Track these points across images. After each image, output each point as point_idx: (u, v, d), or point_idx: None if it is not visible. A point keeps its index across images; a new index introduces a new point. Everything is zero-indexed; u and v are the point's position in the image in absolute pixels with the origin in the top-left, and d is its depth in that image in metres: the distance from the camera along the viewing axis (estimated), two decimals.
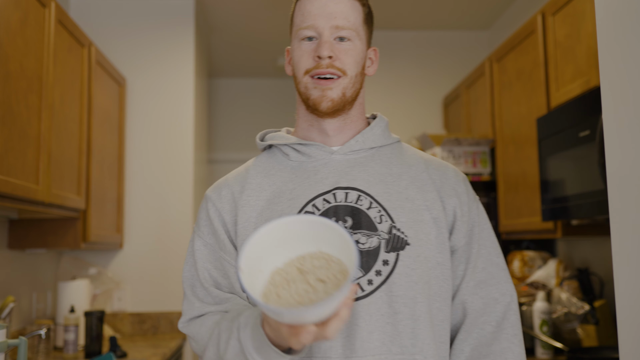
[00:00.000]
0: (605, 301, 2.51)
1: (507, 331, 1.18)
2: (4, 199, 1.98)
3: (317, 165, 1.22)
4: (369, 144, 1.24)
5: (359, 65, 1.22)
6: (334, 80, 1.19)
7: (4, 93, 1.94)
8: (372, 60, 1.28)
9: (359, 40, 1.22)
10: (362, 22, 1.22)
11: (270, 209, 1.19)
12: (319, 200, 1.17)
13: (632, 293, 1.13)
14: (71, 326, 2.70)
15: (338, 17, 1.19)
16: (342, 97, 1.19)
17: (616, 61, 1.18)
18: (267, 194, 1.21)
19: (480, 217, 1.24)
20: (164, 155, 3.56)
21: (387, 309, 1.12)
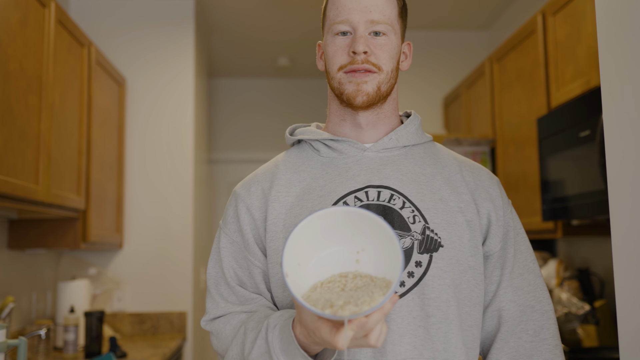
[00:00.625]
0: (606, 301, 2.51)
1: (548, 342, 1.14)
2: (3, 199, 1.97)
3: (348, 162, 1.18)
4: (402, 142, 1.21)
5: (394, 60, 1.19)
6: (370, 74, 1.16)
7: (3, 93, 1.94)
8: (406, 54, 1.26)
9: (395, 34, 1.19)
10: (397, 16, 1.19)
11: (300, 205, 1.15)
12: (350, 197, 1.14)
13: (632, 293, 1.12)
14: (71, 326, 2.70)
15: (374, 11, 1.16)
16: (377, 92, 1.17)
17: (616, 61, 1.18)
18: (297, 190, 1.17)
19: (514, 221, 1.21)
20: (164, 155, 3.56)
21: (419, 311, 1.09)
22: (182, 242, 3.52)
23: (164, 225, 3.52)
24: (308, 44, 4.61)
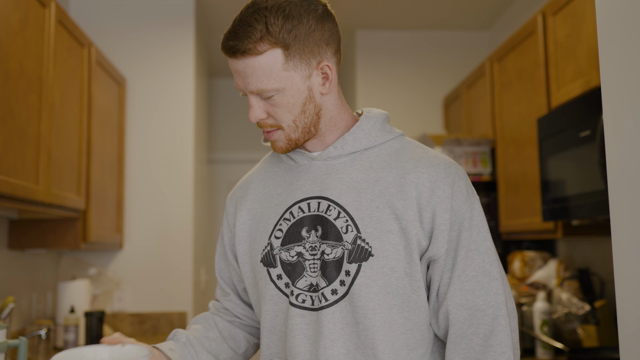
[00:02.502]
0: (606, 301, 2.51)
1: (494, 348, 1.13)
2: (3, 199, 1.98)
3: (300, 171, 1.24)
4: (348, 149, 1.21)
5: (296, 108, 1.16)
6: (273, 132, 1.18)
7: (3, 93, 1.94)
8: (326, 77, 1.17)
9: (287, 87, 1.13)
10: (282, 67, 1.12)
11: (260, 212, 1.26)
12: (295, 207, 1.20)
13: (632, 293, 1.12)
14: (71, 326, 2.70)
15: (250, 80, 1.13)
16: (290, 142, 1.19)
17: (617, 61, 1.18)
18: (261, 197, 1.28)
19: (473, 221, 1.17)
20: (164, 155, 3.56)
21: (351, 318, 1.14)
22: (182, 242, 3.52)
23: (164, 225, 3.52)
24: None
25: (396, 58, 4.31)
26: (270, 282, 1.20)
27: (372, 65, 4.31)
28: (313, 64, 1.15)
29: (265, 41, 1.10)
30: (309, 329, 1.15)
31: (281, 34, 1.10)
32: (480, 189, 3.24)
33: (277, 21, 1.10)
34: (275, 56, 1.11)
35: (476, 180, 3.27)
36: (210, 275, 4.30)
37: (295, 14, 1.11)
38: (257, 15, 1.10)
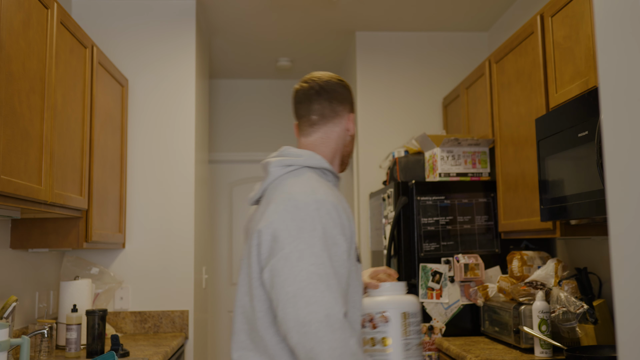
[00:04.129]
0: (604, 300, 2.53)
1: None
2: (6, 199, 1.99)
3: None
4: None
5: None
6: None
7: (6, 94, 1.96)
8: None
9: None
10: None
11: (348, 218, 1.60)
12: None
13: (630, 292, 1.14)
14: (73, 325, 2.71)
15: None
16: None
17: (615, 62, 1.19)
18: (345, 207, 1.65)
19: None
20: (166, 155, 3.58)
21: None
22: (183, 241, 3.53)
23: (166, 225, 3.53)
24: (309, 45, 4.62)
25: (396, 59, 4.33)
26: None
27: (372, 66, 4.32)
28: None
29: None
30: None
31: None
32: (479, 189, 3.26)
33: None
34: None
35: (475, 180, 3.29)
36: (211, 274, 4.31)
37: None
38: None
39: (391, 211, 3.37)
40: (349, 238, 1.46)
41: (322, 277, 1.35)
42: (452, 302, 3.14)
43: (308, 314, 1.31)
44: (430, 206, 3.21)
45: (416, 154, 3.59)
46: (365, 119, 4.27)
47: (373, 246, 3.92)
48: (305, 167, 1.58)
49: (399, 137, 4.25)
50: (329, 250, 1.39)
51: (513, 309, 2.68)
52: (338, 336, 1.30)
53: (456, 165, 3.29)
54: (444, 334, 3.14)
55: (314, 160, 1.58)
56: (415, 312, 1.66)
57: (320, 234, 1.39)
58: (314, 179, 1.53)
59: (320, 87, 1.67)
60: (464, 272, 3.10)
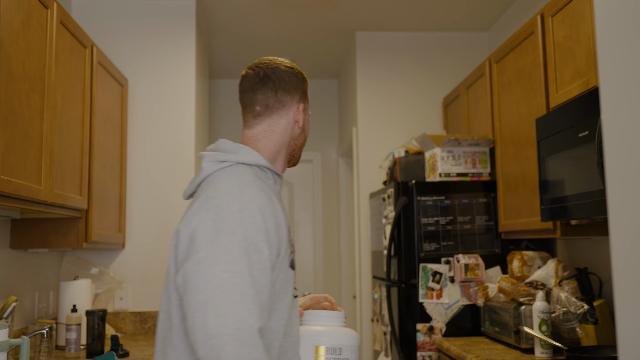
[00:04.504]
0: (604, 300, 2.53)
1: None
2: (6, 199, 1.99)
3: (277, 192, 1.57)
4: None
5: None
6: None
7: (6, 94, 1.95)
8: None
9: None
10: None
11: (283, 221, 1.49)
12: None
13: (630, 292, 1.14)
14: (73, 325, 2.71)
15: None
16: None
17: (615, 62, 1.19)
18: (280, 209, 1.51)
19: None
20: (165, 155, 3.58)
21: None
22: None
23: (166, 225, 3.53)
24: (309, 45, 4.62)
25: (396, 58, 4.33)
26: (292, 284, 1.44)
27: (372, 66, 4.32)
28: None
29: None
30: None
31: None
32: (480, 189, 3.25)
33: None
34: None
35: (475, 180, 3.29)
36: None
37: None
38: None
39: (391, 211, 3.36)
40: (275, 245, 1.33)
41: (236, 286, 1.22)
42: (452, 303, 3.14)
43: (216, 326, 1.19)
44: (430, 206, 3.20)
45: (416, 154, 3.59)
46: (365, 119, 4.27)
47: (373, 246, 3.92)
48: (240, 164, 1.45)
49: (399, 137, 4.24)
50: (249, 257, 1.26)
51: (513, 309, 2.68)
52: (248, 352, 1.18)
53: (456, 165, 3.29)
54: (444, 334, 3.13)
55: (249, 157, 1.45)
56: (348, 346, 1.43)
57: (241, 239, 1.26)
58: (246, 177, 1.40)
59: (265, 75, 1.55)
60: (464, 272, 3.10)
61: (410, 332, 3.14)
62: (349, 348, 1.42)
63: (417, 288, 3.16)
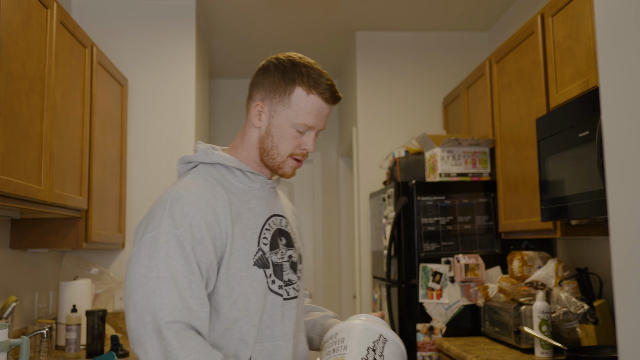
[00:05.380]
0: (605, 301, 2.52)
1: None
2: (6, 199, 1.99)
3: (260, 192, 1.49)
4: (275, 184, 1.56)
5: None
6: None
7: (6, 93, 1.95)
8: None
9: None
10: None
11: (244, 224, 1.44)
12: (270, 220, 1.47)
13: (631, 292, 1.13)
14: (73, 325, 2.71)
15: (324, 123, 1.48)
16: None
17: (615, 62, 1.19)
18: (239, 209, 1.44)
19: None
20: (165, 155, 3.57)
21: (300, 310, 1.52)
22: None
23: None
24: (308, 45, 4.62)
25: (396, 58, 4.32)
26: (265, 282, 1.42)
27: (372, 66, 4.32)
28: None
29: None
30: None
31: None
32: (480, 189, 3.25)
33: None
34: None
35: (475, 180, 3.29)
36: None
37: None
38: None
39: (391, 211, 3.36)
40: (207, 241, 1.30)
41: (151, 280, 1.24)
42: (452, 303, 3.14)
43: (134, 319, 1.23)
44: (430, 206, 3.20)
45: (416, 154, 3.59)
46: (365, 119, 4.27)
47: (373, 246, 3.92)
48: (203, 164, 1.44)
49: (399, 137, 4.24)
50: (167, 250, 1.26)
51: (513, 310, 2.68)
52: (160, 345, 1.20)
53: (456, 166, 3.29)
54: (444, 335, 3.13)
55: (205, 156, 1.43)
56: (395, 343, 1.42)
57: (162, 233, 1.27)
58: (199, 175, 1.39)
59: (255, 72, 1.49)
60: (464, 273, 3.09)
61: (411, 332, 3.14)
62: (395, 345, 1.42)
63: (417, 288, 3.16)
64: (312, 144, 1.44)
